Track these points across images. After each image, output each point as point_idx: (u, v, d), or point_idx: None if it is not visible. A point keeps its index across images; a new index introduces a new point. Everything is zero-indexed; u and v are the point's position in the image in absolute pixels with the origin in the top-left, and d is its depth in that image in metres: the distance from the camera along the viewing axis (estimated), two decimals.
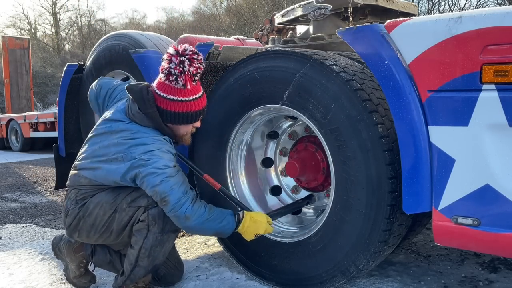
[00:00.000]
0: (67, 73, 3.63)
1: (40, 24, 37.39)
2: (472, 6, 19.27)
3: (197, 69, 2.01)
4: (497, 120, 1.58)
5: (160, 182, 1.95)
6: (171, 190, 1.96)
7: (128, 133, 2.06)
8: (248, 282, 2.41)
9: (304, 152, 2.41)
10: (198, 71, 2.02)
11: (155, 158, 1.97)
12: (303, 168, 2.35)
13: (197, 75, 2.04)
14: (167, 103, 2.05)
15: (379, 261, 2.10)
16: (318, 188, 2.44)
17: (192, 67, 1.99)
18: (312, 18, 2.84)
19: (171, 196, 1.95)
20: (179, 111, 2.06)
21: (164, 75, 2.02)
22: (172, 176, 1.98)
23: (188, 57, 1.98)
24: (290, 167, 2.37)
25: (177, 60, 1.97)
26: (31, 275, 2.66)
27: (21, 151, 11.13)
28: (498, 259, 2.59)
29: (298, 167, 2.33)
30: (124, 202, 2.06)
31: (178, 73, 1.97)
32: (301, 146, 2.44)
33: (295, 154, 2.45)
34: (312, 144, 2.38)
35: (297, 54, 2.09)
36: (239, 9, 25.80)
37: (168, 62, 1.99)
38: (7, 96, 14.08)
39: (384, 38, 1.84)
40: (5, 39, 14.27)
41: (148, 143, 2.02)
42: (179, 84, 2.00)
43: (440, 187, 1.74)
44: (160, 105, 2.07)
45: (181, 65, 1.97)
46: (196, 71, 2.01)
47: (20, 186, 5.91)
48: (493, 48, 1.58)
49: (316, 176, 2.38)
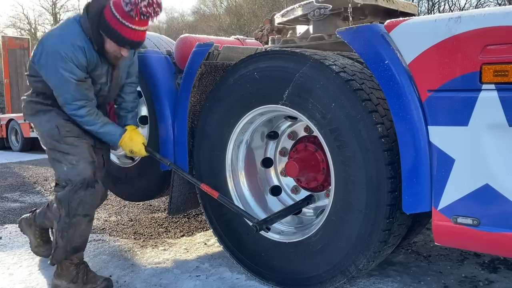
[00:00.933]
0: None
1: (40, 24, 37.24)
2: (472, 6, 19.27)
3: (148, 11, 2.14)
4: (496, 120, 1.58)
5: None
6: None
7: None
8: (248, 282, 2.41)
9: (304, 152, 2.41)
10: (149, 12, 2.15)
11: None
12: (303, 168, 2.35)
13: (147, 16, 2.16)
14: (112, 17, 2.20)
15: (379, 261, 2.10)
16: (318, 188, 2.43)
17: (144, 6, 2.12)
18: (312, 18, 2.84)
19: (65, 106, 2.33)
20: (113, 28, 2.20)
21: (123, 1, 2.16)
22: None
23: None
24: (290, 167, 2.36)
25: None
26: (31, 275, 2.66)
27: (21, 151, 11.13)
28: (498, 259, 2.59)
29: (298, 167, 2.33)
30: (51, 153, 2.40)
31: (133, 6, 2.12)
32: (301, 146, 2.44)
33: (295, 154, 2.45)
34: (312, 144, 2.38)
35: (297, 54, 2.09)
36: (239, 9, 25.79)
37: None
38: (7, 96, 14.07)
39: (384, 38, 1.84)
40: (5, 39, 14.26)
41: None
42: (127, 9, 2.14)
43: (440, 187, 1.74)
44: (106, 18, 2.21)
45: None
46: (146, 12, 2.14)
47: (20, 186, 5.91)
48: (493, 48, 1.58)
49: (316, 176, 2.38)
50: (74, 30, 2.25)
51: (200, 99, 2.59)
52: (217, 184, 2.45)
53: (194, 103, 2.56)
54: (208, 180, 2.47)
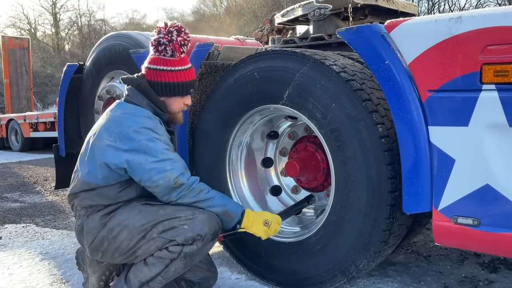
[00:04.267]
0: (67, 73, 3.63)
1: (40, 24, 37.34)
2: (472, 6, 19.28)
3: (184, 40, 2.06)
4: (497, 120, 1.58)
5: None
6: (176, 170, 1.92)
7: (120, 110, 2.02)
8: (248, 282, 2.41)
9: (304, 152, 2.41)
10: (185, 42, 2.07)
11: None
12: (303, 168, 2.35)
13: (185, 46, 2.07)
14: (157, 74, 2.06)
15: (379, 261, 2.10)
16: (318, 188, 2.43)
17: (180, 37, 2.04)
18: (312, 18, 2.84)
19: (183, 176, 1.93)
20: (170, 81, 2.06)
21: (154, 47, 2.06)
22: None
23: (176, 28, 2.05)
24: (290, 167, 2.36)
25: (166, 30, 2.04)
26: (31, 275, 2.66)
27: (21, 151, 11.12)
28: (498, 259, 2.59)
29: (298, 167, 2.33)
30: (155, 231, 1.92)
31: (167, 42, 2.02)
32: (301, 146, 2.44)
33: (295, 154, 2.45)
34: (312, 144, 2.38)
35: (297, 54, 2.09)
36: (239, 9, 25.80)
37: (157, 33, 2.05)
38: (7, 96, 14.08)
39: (384, 38, 1.84)
40: (5, 39, 14.27)
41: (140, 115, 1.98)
42: (169, 53, 2.04)
43: (440, 187, 1.74)
44: (151, 79, 2.06)
45: (169, 34, 2.03)
46: (183, 41, 2.05)
47: (20, 186, 5.91)
48: (493, 48, 1.58)
49: (316, 176, 2.38)
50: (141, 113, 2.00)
51: (200, 99, 2.59)
52: (217, 184, 2.45)
53: (194, 103, 2.56)
54: (208, 180, 2.46)
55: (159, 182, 1.89)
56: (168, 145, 1.98)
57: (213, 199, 2.00)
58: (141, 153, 1.89)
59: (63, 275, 2.62)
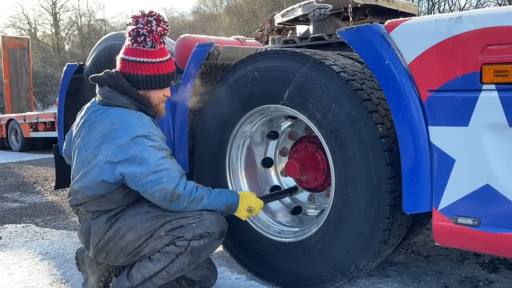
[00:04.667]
0: (67, 73, 3.63)
1: (40, 24, 37.37)
2: (472, 6, 19.28)
3: (164, 30, 1.97)
4: (497, 120, 1.58)
5: None
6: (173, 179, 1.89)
7: (108, 121, 1.93)
8: (248, 282, 2.41)
9: (304, 152, 2.41)
10: (165, 32, 1.99)
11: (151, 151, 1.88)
12: (303, 168, 2.35)
13: (164, 36, 2.00)
14: (136, 66, 1.97)
15: (379, 261, 2.10)
16: (318, 188, 2.44)
17: (160, 27, 1.95)
18: (312, 18, 2.84)
19: (179, 186, 1.90)
20: (151, 74, 1.98)
21: (132, 38, 1.94)
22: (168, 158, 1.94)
23: (155, 17, 1.95)
24: (290, 167, 2.37)
25: (144, 20, 1.93)
26: (31, 275, 2.66)
27: (21, 151, 11.12)
28: (498, 259, 2.59)
29: (298, 167, 2.33)
30: (163, 230, 1.93)
31: (147, 33, 1.92)
32: (301, 146, 2.44)
33: (295, 154, 2.45)
34: (312, 144, 2.38)
35: (297, 54, 2.09)
36: (239, 9, 25.80)
37: (135, 24, 1.95)
38: (7, 96, 14.08)
39: (384, 38, 1.84)
40: (5, 39, 14.27)
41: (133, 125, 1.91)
42: (148, 45, 1.94)
43: (440, 187, 1.74)
44: (129, 71, 1.97)
45: (149, 24, 1.93)
46: (163, 31, 1.97)
47: (20, 186, 5.91)
48: (493, 48, 1.58)
49: (316, 176, 2.38)
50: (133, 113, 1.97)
51: (200, 99, 2.59)
52: (217, 184, 2.45)
53: (194, 103, 2.56)
54: (209, 180, 2.46)
55: (155, 195, 1.89)
56: (164, 149, 1.95)
57: (215, 202, 2.02)
58: (136, 165, 1.86)
59: (63, 275, 2.62)
